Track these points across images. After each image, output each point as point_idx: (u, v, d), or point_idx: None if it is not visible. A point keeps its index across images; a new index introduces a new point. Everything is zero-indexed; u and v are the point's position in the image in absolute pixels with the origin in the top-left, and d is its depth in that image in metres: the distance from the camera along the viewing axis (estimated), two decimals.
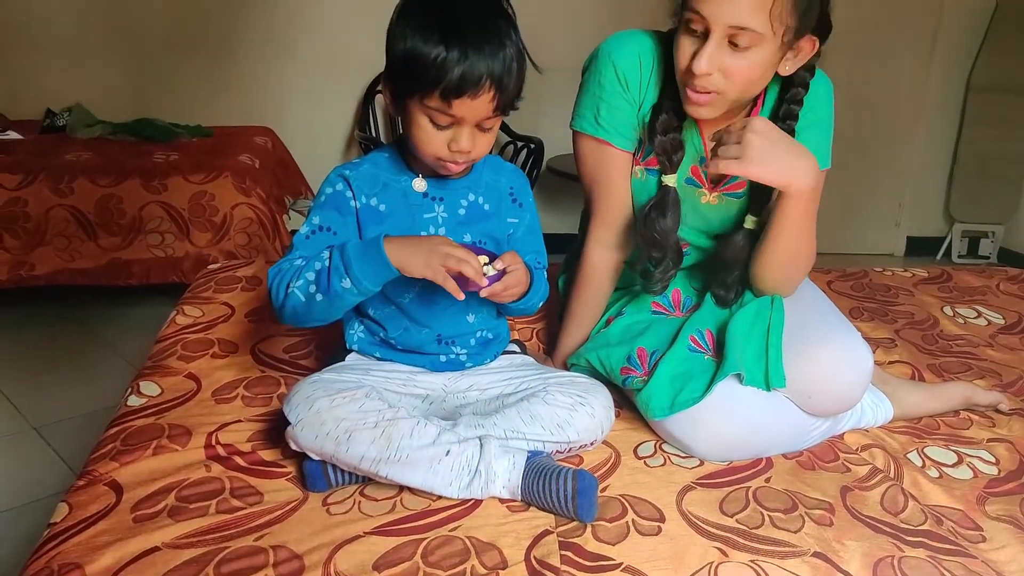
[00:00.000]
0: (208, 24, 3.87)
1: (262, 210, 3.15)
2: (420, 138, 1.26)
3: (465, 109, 1.21)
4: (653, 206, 1.48)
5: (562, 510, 1.18)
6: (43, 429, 2.41)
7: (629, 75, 1.48)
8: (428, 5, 1.22)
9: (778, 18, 1.27)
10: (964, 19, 4.32)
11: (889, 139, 4.45)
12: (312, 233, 1.33)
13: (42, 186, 3.01)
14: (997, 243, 4.58)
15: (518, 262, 1.31)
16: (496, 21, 1.23)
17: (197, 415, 1.42)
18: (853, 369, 1.37)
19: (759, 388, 1.37)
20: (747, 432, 1.36)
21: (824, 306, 1.54)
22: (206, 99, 3.96)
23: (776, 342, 1.39)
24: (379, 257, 1.21)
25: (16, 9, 3.70)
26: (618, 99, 1.49)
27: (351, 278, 1.21)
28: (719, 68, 1.32)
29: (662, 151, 1.47)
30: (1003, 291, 2.27)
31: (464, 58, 1.17)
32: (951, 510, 1.28)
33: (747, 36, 1.28)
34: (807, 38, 1.35)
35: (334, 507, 1.19)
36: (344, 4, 3.89)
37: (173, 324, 1.79)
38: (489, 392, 1.40)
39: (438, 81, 1.18)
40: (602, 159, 1.55)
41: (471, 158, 1.29)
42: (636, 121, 1.51)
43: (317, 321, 1.30)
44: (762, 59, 1.32)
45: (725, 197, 1.54)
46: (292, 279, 1.26)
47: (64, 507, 1.18)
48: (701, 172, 1.52)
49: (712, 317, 1.50)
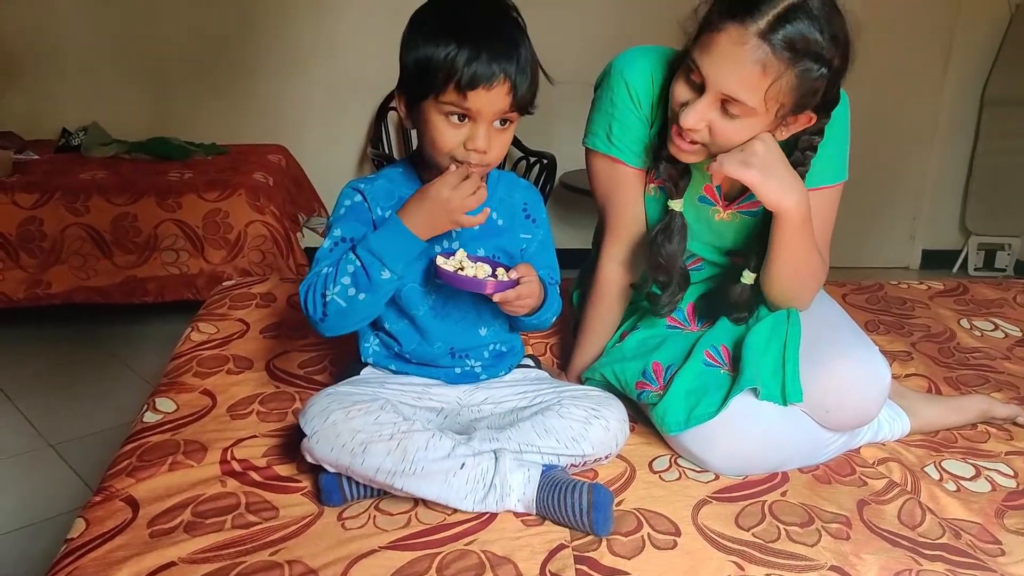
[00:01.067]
0: (223, 44, 3.90)
1: (276, 227, 3.16)
2: (435, 139, 1.27)
3: (481, 101, 1.22)
4: (660, 231, 1.46)
5: (577, 524, 1.17)
6: (60, 447, 2.42)
7: (641, 93, 1.47)
8: (439, 14, 1.26)
9: (774, 98, 1.26)
10: (978, 33, 4.31)
11: (904, 152, 4.44)
12: (336, 245, 1.34)
13: (58, 205, 3.03)
14: (1014, 256, 4.55)
15: (532, 274, 1.32)
16: (507, 28, 1.26)
17: (212, 431, 1.43)
18: (871, 384, 1.36)
19: (776, 403, 1.36)
20: (763, 447, 1.36)
21: (841, 320, 1.53)
22: (221, 118, 3.99)
23: (793, 356, 1.38)
24: (403, 234, 1.25)
25: (32, 29, 3.74)
26: (630, 117, 1.49)
27: (388, 267, 1.25)
28: (707, 124, 1.31)
29: (668, 177, 1.46)
30: (1020, 303, 2.25)
31: (477, 54, 1.20)
32: (969, 523, 1.27)
33: (739, 107, 1.27)
34: (805, 114, 1.33)
35: (349, 522, 1.19)
36: (356, 24, 3.92)
37: (188, 341, 1.80)
38: (504, 406, 1.40)
39: (452, 75, 1.20)
40: (615, 177, 1.55)
41: (486, 160, 1.29)
42: (648, 139, 1.50)
43: (361, 321, 1.34)
44: (750, 129, 1.31)
45: (739, 215, 1.53)
46: (327, 288, 1.27)
47: (81, 523, 1.18)
48: (715, 190, 1.52)
49: (728, 332, 1.50)
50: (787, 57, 1.22)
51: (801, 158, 1.40)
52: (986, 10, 4.29)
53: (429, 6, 1.29)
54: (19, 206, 3.01)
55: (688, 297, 1.61)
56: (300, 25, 3.92)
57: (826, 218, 1.51)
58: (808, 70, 1.24)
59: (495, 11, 1.28)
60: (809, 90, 1.27)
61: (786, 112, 1.30)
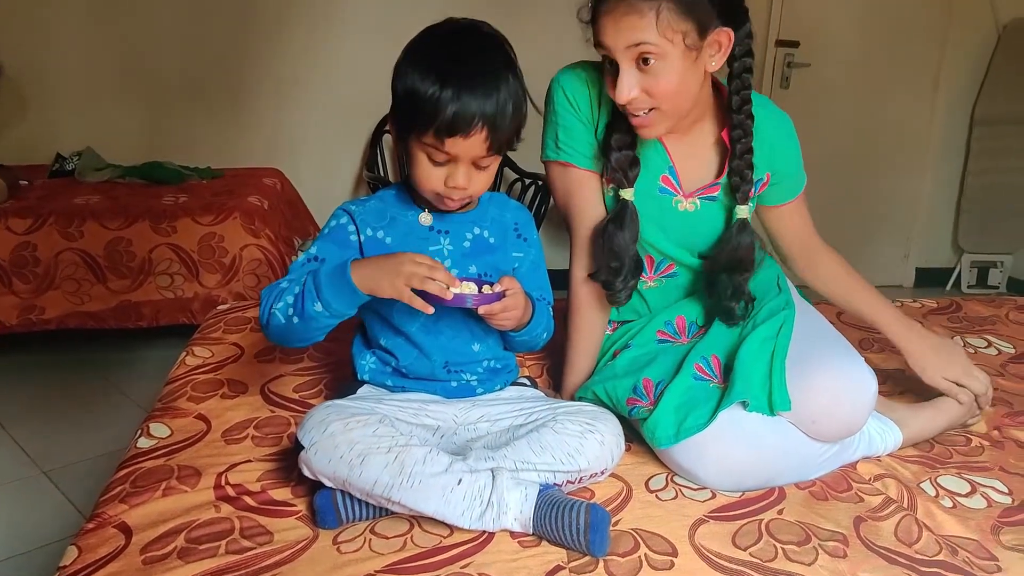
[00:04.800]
0: (218, 68, 3.93)
1: (271, 251, 3.16)
2: (418, 174, 1.31)
3: (458, 148, 1.26)
4: (611, 220, 1.52)
5: (574, 544, 1.17)
6: (52, 473, 2.41)
7: (578, 96, 1.54)
8: (430, 46, 1.29)
9: (668, 27, 1.33)
10: (967, 53, 4.37)
11: (896, 172, 4.46)
12: (308, 261, 1.37)
13: (52, 230, 3.03)
14: (1006, 273, 4.58)
15: (516, 287, 1.34)
16: (494, 62, 1.29)
17: (207, 456, 1.42)
18: (856, 394, 1.38)
19: (764, 413, 1.37)
20: (754, 459, 1.36)
21: (827, 332, 1.55)
22: (216, 142, 4.00)
23: (779, 367, 1.39)
24: (346, 282, 1.25)
25: (26, 54, 3.75)
26: (572, 120, 1.55)
27: (322, 302, 1.26)
28: (641, 90, 1.38)
29: (618, 167, 1.51)
30: (1013, 320, 2.26)
31: (457, 98, 1.22)
32: (966, 540, 1.27)
33: (650, 55, 1.35)
34: (717, 31, 1.38)
35: (344, 545, 1.18)
36: (351, 48, 3.95)
37: (183, 365, 1.80)
38: (500, 424, 1.40)
39: (432, 119, 1.23)
40: (569, 182, 1.59)
41: (468, 194, 1.33)
42: (595, 140, 1.55)
43: (299, 342, 1.34)
44: (674, 70, 1.37)
45: (701, 201, 1.57)
46: (275, 301, 1.30)
47: (73, 550, 1.17)
48: (672, 179, 1.56)
49: (719, 343, 1.51)
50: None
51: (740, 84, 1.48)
52: (974, 31, 4.34)
53: (422, 36, 1.32)
54: (12, 231, 3.01)
55: (677, 310, 1.64)
56: (295, 49, 3.95)
57: (805, 220, 1.70)
58: None
59: (485, 50, 1.30)
60: (692, 5, 1.33)
61: (694, 37, 1.36)
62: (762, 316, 1.52)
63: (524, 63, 1.34)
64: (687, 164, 1.56)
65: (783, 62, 4.11)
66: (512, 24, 1.60)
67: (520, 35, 1.47)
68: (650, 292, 1.66)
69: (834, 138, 4.10)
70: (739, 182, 1.52)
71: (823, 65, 4.09)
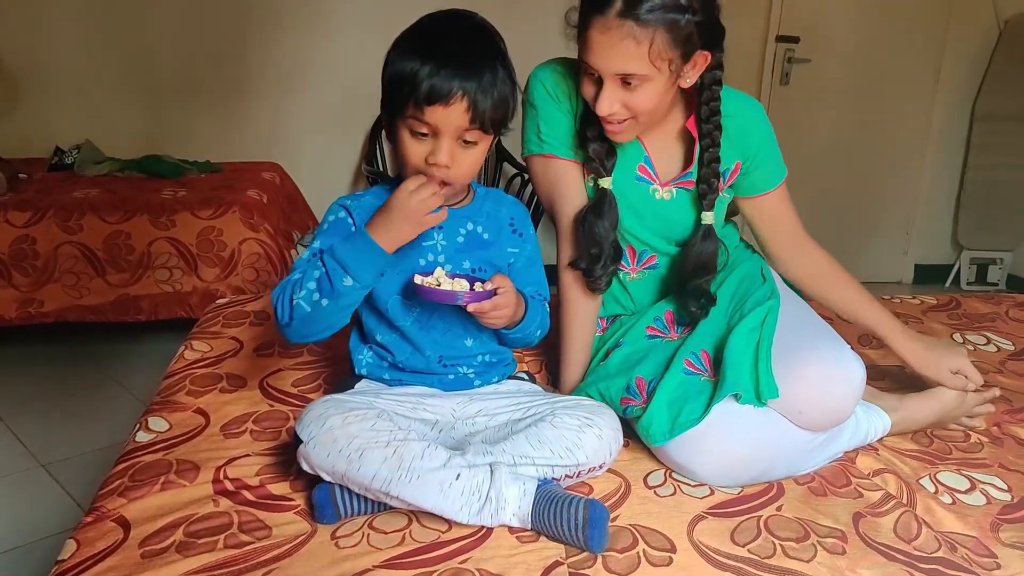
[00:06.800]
0: (217, 62, 3.92)
1: (270, 245, 3.16)
2: (403, 153, 1.32)
3: (438, 116, 1.26)
4: (590, 209, 1.54)
5: (572, 540, 1.17)
6: (51, 466, 2.41)
7: (557, 88, 1.56)
8: (417, 31, 1.31)
9: (658, 57, 1.36)
10: (968, 49, 4.36)
11: (896, 168, 4.46)
12: (313, 256, 1.36)
13: (51, 223, 3.03)
14: (1005, 270, 4.57)
15: (508, 285, 1.34)
16: (479, 47, 1.30)
17: (205, 450, 1.42)
18: (843, 382, 1.38)
19: (753, 404, 1.37)
20: (748, 451, 1.36)
21: (813, 321, 1.55)
22: (215, 135, 4.00)
23: (765, 355, 1.39)
24: (369, 245, 1.26)
25: (25, 48, 3.75)
26: (553, 111, 1.57)
27: (351, 275, 1.26)
28: (620, 104, 1.42)
29: (596, 156, 1.53)
30: (1012, 317, 2.26)
31: (436, 71, 1.24)
32: (965, 537, 1.27)
33: (635, 78, 1.38)
34: (698, 55, 1.41)
35: (343, 540, 1.18)
36: (350, 42, 3.94)
37: (181, 359, 1.79)
38: (498, 418, 1.40)
39: (413, 90, 1.24)
40: (552, 173, 1.60)
41: (450, 176, 1.32)
42: (575, 130, 1.57)
43: (326, 329, 1.33)
44: (655, 91, 1.41)
45: (677, 190, 1.59)
46: (294, 292, 1.29)
47: (72, 544, 1.17)
48: (648, 168, 1.58)
49: (708, 336, 1.51)
50: (650, 22, 1.33)
51: (710, 95, 1.50)
52: (975, 27, 4.33)
53: (410, 28, 1.33)
54: (12, 224, 3.01)
55: (666, 305, 1.65)
56: (294, 43, 3.94)
57: (788, 211, 1.69)
58: (675, 22, 1.34)
59: (471, 35, 1.32)
60: (685, 37, 1.37)
61: (679, 63, 1.40)
62: (748, 307, 1.52)
63: (518, 65, 1.36)
64: (660, 155, 1.59)
65: (783, 58, 4.07)
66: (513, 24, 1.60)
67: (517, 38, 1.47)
68: (634, 284, 1.67)
69: (834, 134, 4.13)
70: (706, 190, 1.54)
71: (823, 61, 4.08)
